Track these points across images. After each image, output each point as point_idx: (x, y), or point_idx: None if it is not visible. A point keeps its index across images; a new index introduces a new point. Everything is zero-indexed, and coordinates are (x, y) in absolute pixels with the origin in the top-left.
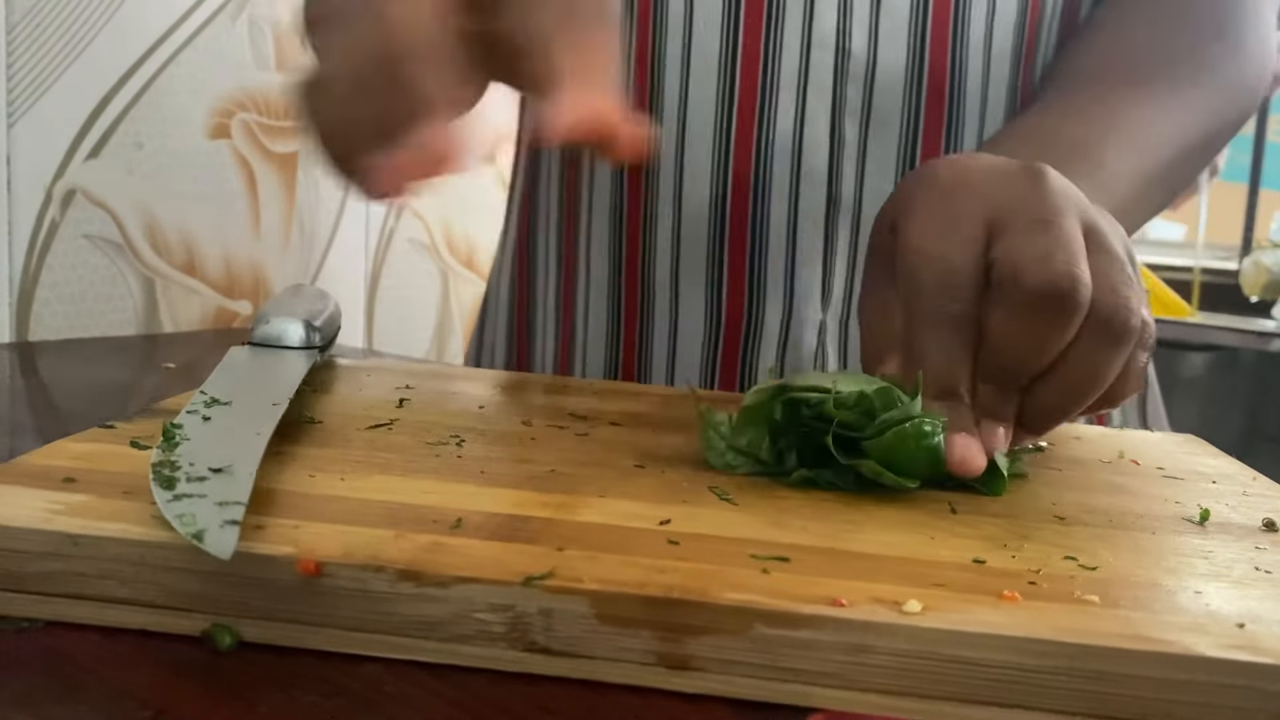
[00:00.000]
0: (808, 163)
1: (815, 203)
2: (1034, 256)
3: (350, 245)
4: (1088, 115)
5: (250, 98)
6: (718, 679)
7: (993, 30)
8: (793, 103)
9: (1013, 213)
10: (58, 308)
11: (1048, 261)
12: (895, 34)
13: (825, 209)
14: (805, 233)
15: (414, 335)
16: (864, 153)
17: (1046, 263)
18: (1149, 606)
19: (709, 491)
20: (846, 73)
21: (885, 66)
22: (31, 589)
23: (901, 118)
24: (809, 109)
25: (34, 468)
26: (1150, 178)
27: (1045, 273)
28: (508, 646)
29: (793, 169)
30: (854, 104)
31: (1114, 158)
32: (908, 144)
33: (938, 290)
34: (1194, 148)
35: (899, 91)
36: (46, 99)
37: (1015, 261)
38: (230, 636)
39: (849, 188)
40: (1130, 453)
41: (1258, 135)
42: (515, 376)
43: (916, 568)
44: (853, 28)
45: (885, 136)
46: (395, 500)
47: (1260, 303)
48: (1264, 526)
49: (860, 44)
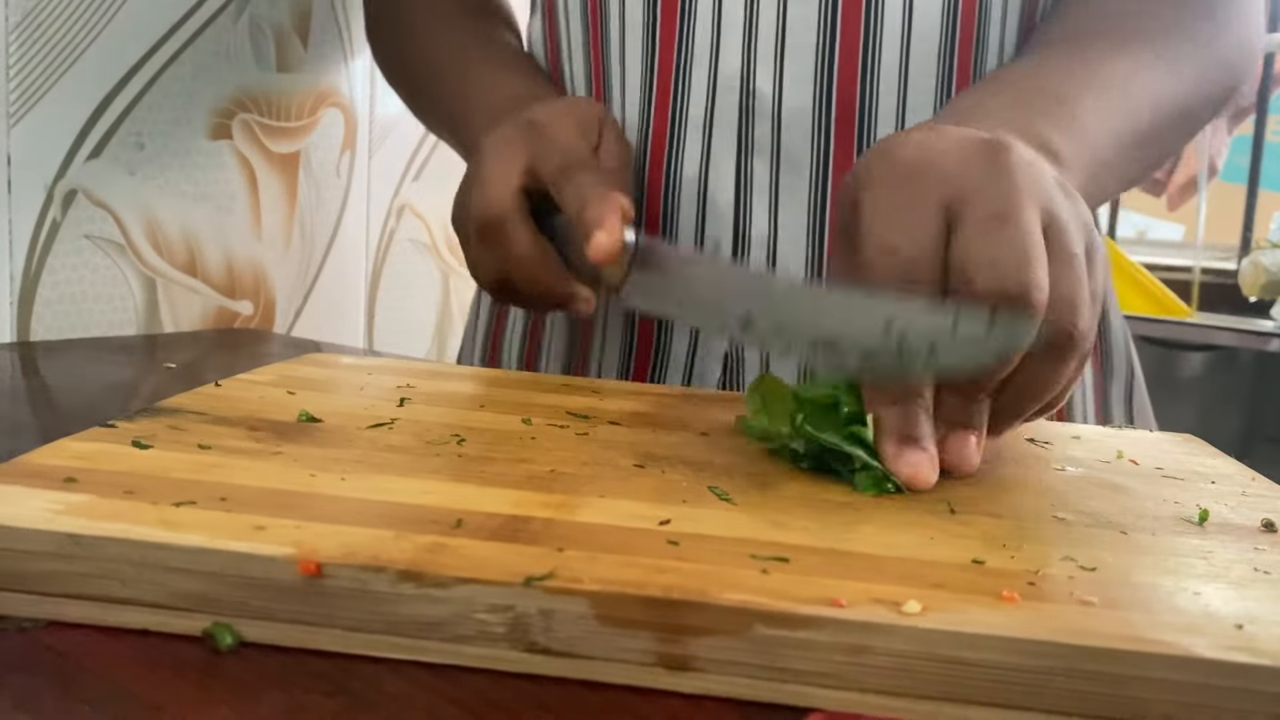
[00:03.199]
0: (713, 201)
1: (722, 239)
2: (986, 260)
3: (351, 245)
4: (1069, 70)
5: (251, 98)
6: (717, 679)
7: (908, 59)
8: (699, 143)
9: (971, 201)
10: (59, 307)
11: (998, 267)
12: (801, 72)
13: (734, 245)
14: None
15: (414, 335)
16: (775, 190)
17: (997, 268)
18: (1148, 607)
19: (709, 491)
20: (753, 112)
21: (792, 105)
22: (32, 589)
23: (811, 154)
24: (715, 149)
25: (35, 467)
26: (1127, 138)
27: (996, 280)
28: (508, 647)
29: (698, 207)
30: (762, 143)
31: (1092, 109)
32: (818, 180)
33: (900, 288)
34: (1174, 115)
35: (808, 128)
36: (47, 99)
37: (966, 264)
38: (231, 636)
39: (761, 224)
40: (1129, 453)
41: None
42: (515, 376)
43: (916, 568)
44: (757, 68)
45: (796, 173)
46: (395, 500)
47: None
48: (1263, 527)
49: (765, 83)
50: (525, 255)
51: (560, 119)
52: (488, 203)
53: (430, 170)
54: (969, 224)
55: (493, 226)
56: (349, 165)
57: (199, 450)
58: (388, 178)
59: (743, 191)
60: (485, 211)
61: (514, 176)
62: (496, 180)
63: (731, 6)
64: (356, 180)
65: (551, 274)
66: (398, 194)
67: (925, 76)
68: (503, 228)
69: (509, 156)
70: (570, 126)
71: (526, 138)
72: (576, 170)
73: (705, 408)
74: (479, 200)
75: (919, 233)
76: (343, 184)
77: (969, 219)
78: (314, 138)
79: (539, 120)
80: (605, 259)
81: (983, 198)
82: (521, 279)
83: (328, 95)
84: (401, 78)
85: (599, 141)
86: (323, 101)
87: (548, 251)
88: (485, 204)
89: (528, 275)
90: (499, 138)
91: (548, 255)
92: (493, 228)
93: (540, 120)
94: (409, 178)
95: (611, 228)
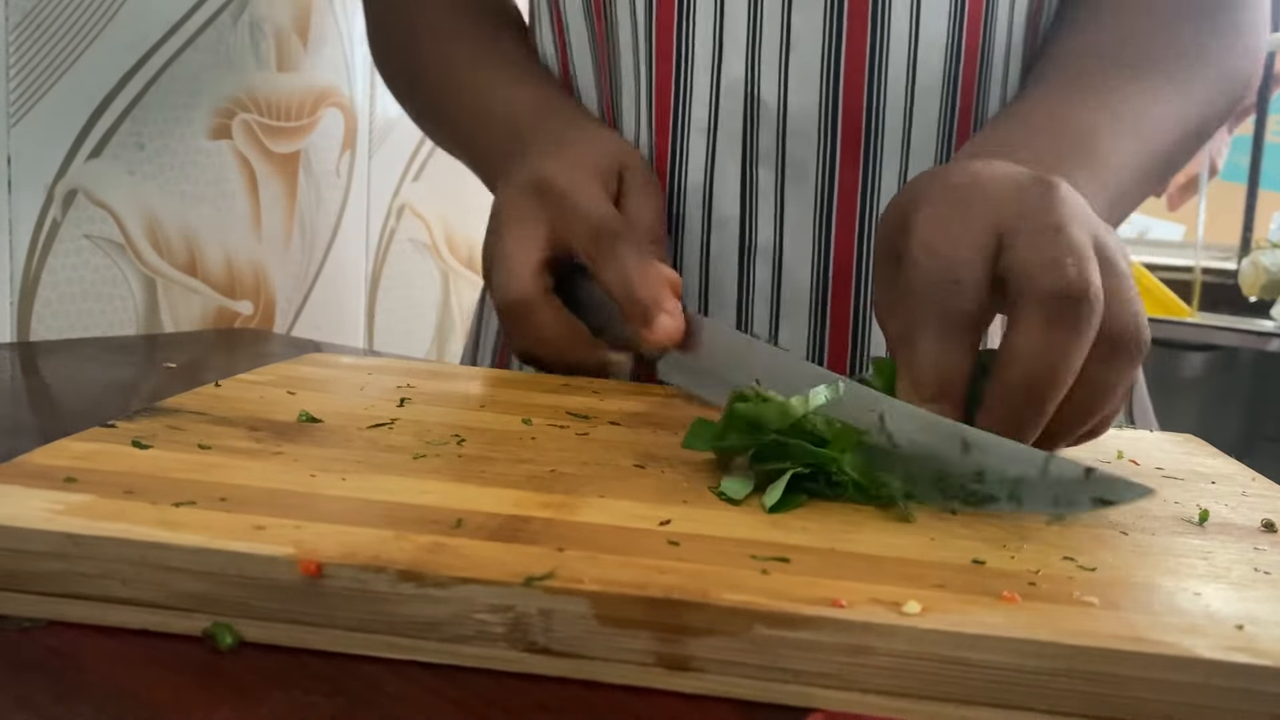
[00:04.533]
0: (718, 209)
1: (728, 247)
2: (1045, 261)
3: (351, 245)
4: (1088, 102)
5: (251, 98)
6: (717, 679)
7: (915, 65)
8: (703, 150)
9: (1023, 219)
10: (59, 307)
11: (1059, 267)
12: (806, 79)
13: (739, 254)
14: (718, 277)
15: (415, 335)
16: (781, 198)
17: (1058, 268)
18: (1148, 608)
19: (709, 491)
20: (758, 120)
21: (796, 112)
22: (32, 589)
23: (817, 163)
24: (719, 156)
25: (35, 467)
26: (1145, 167)
27: (1058, 278)
28: (508, 647)
29: (703, 215)
30: (767, 151)
31: (1113, 147)
32: (824, 189)
33: (940, 287)
34: (1188, 137)
35: (813, 137)
36: (48, 99)
37: (1027, 267)
38: (231, 636)
39: (766, 233)
40: (1130, 453)
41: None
42: (515, 376)
43: (916, 568)
44: (761, 75)
45: (802, 181)
46: (396, 500)
47: (1259, 303)
48: (1263, 527)
49: (770, 91)
50: (553, 338)
51: (577, 176)
52: (509, 287)
53: (430, 170)
54: (1022, 237)
55: (516, 309)
56: (349, 165)
57: (199, 450)
58: (388, 178)
59: (748, 200)
60: (507, 296)
61: (535, 253)
62: (515, 258)
63: (734, 12)
64: (356, 180)
65: (581, 350)
66: (398, 194)
67: (932, 83)
68: (528, 311)
69: (527, 230)
70: (589, 182)
71: (543, 205)
72: (610, 241)
73: (707, 407)
74: (500, 282)
75: (969, 241)
76: (343, 184)
77: (1022, 233)
78: (314, 138)
79: (553, 181)
80: (672, 342)
81: (1035, 216)
82: (550, 356)
83: (328, 95)
84: (408, 92)
85: (620, 188)
86: (323, 101)
87: (576, 330)
88: (507, 288)
89: (557, 355)
90: (512, 205)
91: (577, 333)
92: (516, 310)
93: (554, 181)
94: (409, 178)
95: (671, 309)
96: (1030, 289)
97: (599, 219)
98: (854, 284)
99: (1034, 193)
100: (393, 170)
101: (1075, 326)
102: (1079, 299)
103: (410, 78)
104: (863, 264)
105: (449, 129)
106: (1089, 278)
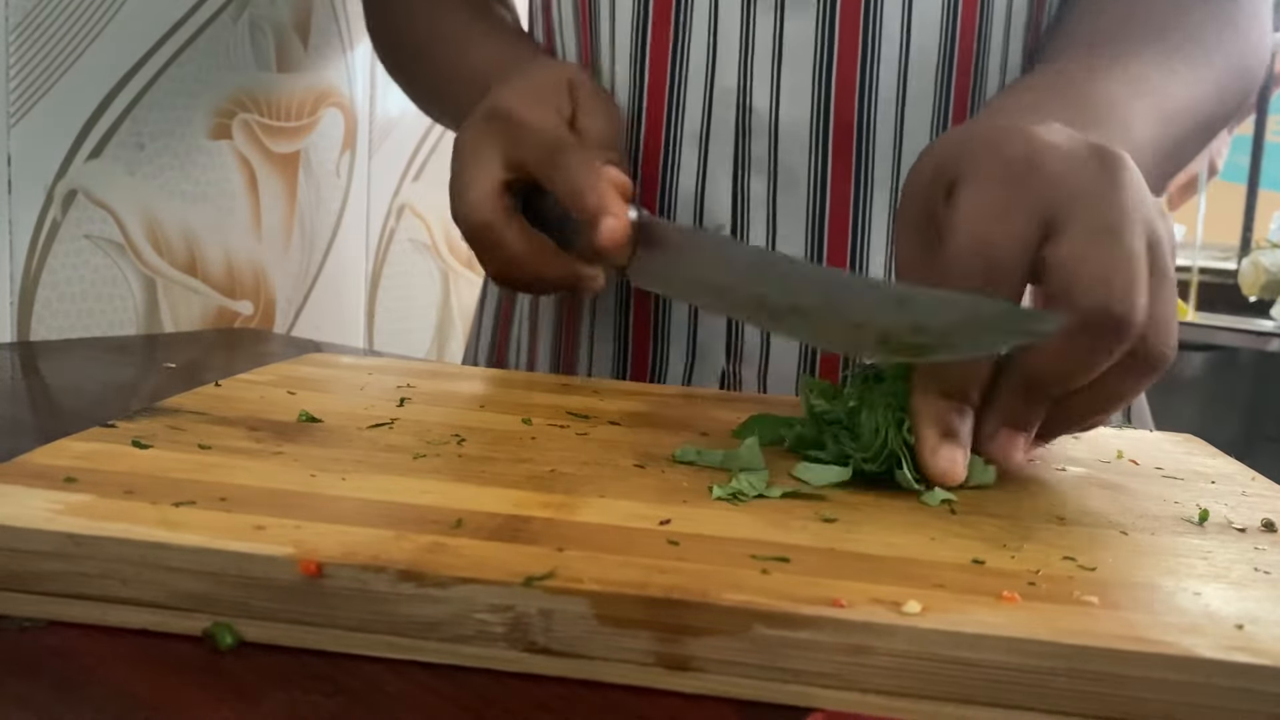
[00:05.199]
0: (710, 218)
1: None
2: (1094, 276)
3: (351, 245)
4: (1114, 74)
5: (251, 98)
6: (717, 679)
7: (907, 74)
8: (695, 159)
9: (1080, 211)
10: (59, 307)
11: (1108, 285)
12: (798, 89)
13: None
14: None
15: (415, 335)
16: (773, 207)
17: (1107, 286)
18: (1148, 607)
19: (709, 491)
20: (750, 129)
21: (789, 122)
22: (33, 589)
23: (809, 172)
24: (711, 165)
25: (35, 467)
26: (1166, 150)
27: (1103, 298)
28: (508, 647)
29: (695, 224)
30: (759, 160)
31: (1140, 121)
32: (816, 198)
33: (976, 279)
34: (1201, 125)
35: (805, 146)
36: (47, 99)
37: (1073, 275)
38: (231, 636)
39: (758, 242)
40: (1129, 453)
41: (1256, 135)
42: (515, 376)
43: (916, 568)
44: (754, 84)
45: (794, 191)
46: (396, 500)
47: (1259, 303)
48: (1263, 527)
49: (762, 100)
50: (519, 254)
51: (527, 99)
52: (470, 209)
53: (430, 170)
54: (1078, 232)
55: (480, 232)
56: (349, 165)
57: (199, 450)
58: (388, 178)
59: (739, 208)
60: (470, 218)
61: (492, 176)
62: (475, 184)
63: (728, 20)
64: (356, 180)
65: (551, 265)
66: (398, 194)
67: (924, 93)
68: (490, 232)
69: (483, 156)
70: (539, 104)
71: (497, 131)
72: (559, 153)
73: (706, 408)
74: (462, 208)
75: (1016, 228)
76: (343, 184)
77: (1078, 227)
78: (314, 138)
79: (505, 108)
80: (616, 244)
81: (1094, 208)
82: (521, 274)
83: (328, 95)
84: (399, 65)
85: (574, 108)
86: (323, 101)
87: (543, 244)
88: (468, 211)
89: (527, 271)
90: (470, 136)
91: (543, 248)
92: (480, 234)
93: (506, 107)
94: (409, 178)
95: (617, 210)
96: (1072, 298)
97: (548, 135)
98: None
99: (1096, 173)
100: (393, 170)
101: (1107, 346)
102: (1119, 322)
103: (402, 52)
104: (855, 272)
105: (433, 96)
106: (1134, 300)
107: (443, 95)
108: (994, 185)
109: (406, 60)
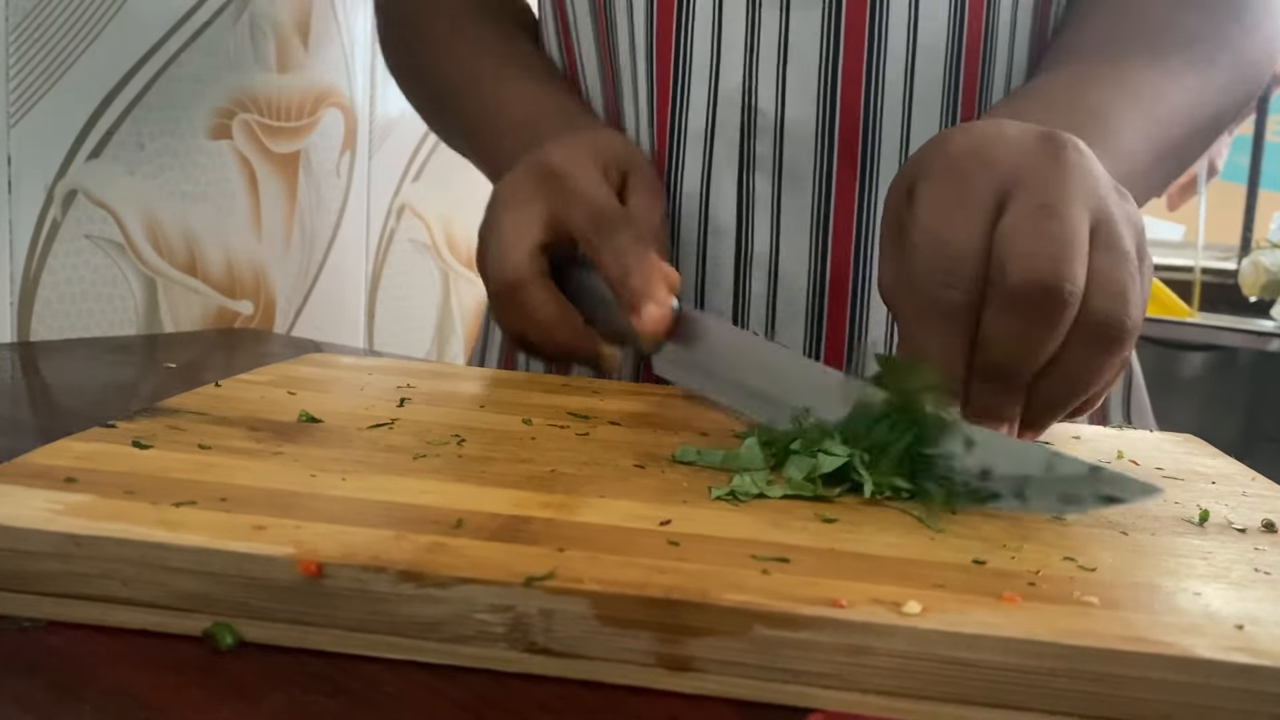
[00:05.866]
0: (715, 217)
1: (724, 256)
2: (1025, 250)
3: (351, 245)
4: (1104, 80)
5: (252, 98)
6: (717, 680)
7: (913, 73)
8: (700, 158)
9: (1021, 189)
10: (59, 307)
11: (1035, 258)
12: (803, 88)
13: (735, 263)
14: (715, 286)
15: (415, 335)
16: (778, 207)
17: (1033, 259)
18: (1148, 608)
19: (709, 491)
20: (755, 128)
21: (794, 121)
22: (33, 589)
23: (814, 172)
24: (715, 164)
25: (35, 467)
26: (1161, 152)
27: (1028, 271)
28: (508, 647)
29: (700, 223)
30: (764, 159)
31: (1129, 126)
32: (821, 198)
33: (936, 276)
34: (1204, 125)
35: (810, 145)
36: (48, 99)
37: (1005, 251)
38: (231, 636)
39: (763, 242)
40: (1130, 453)
41: (1257, 135)
42: (515, 376)
43: (916, 568)
44: (759, 83)
45: (799, 190)
46: (396, 500)
47: (1259, 303)
48: (1263, 527)
49: (767, 99)
50: (546, 320)
51: (580, 164)
52: (503, 264)
53: (430, 170)
54: (1014, 213)
55: (510, 291)
56: (349, 165)
57: (199, 450)
58: (388, 178)
59: (744, 208)
60: (501, 275)
61: (532, 234)
62: (513, 240)
63: (733, 18)
64: (356, 180)
65: (574, 336)
66: (398, 194)
67: (931, 92)
68: (521, 292)
69: (526, 211)
70: (592, 171)
71: (545, 188)
72: (610, 228)
73: (706, 408)
74: (495, 262)
75: (970, 228)
76: (343, 184)
77: (1015, 208)
78: (314, 138)
79: (558, 167)
80: (655, 334)
81: (1033, 187)
82: (541, 341)
83: (328, 95)
84: (420, 93)
85: (623, 184)
86: (323, 101)
87: (569, 314)
88: (501, 266)
89: (547, 338)
90: (513, 189)
91: (569, 318)
92: (509, 292)
93: (558, 167)
94: (409, 178)
95: (662, 301)
96: (1000, 278)
97: (600, 203)
98: (850, 293)
99: (1041, 154)
100: (393, 170)
101: (1041, 319)
102: (1047, 292)
103: (420, 72)
104: (859, 273)
105: (459, 124)
106: (1062, 271)
107: (474, 137)
108: (943, 180)
109: (432, 98)
